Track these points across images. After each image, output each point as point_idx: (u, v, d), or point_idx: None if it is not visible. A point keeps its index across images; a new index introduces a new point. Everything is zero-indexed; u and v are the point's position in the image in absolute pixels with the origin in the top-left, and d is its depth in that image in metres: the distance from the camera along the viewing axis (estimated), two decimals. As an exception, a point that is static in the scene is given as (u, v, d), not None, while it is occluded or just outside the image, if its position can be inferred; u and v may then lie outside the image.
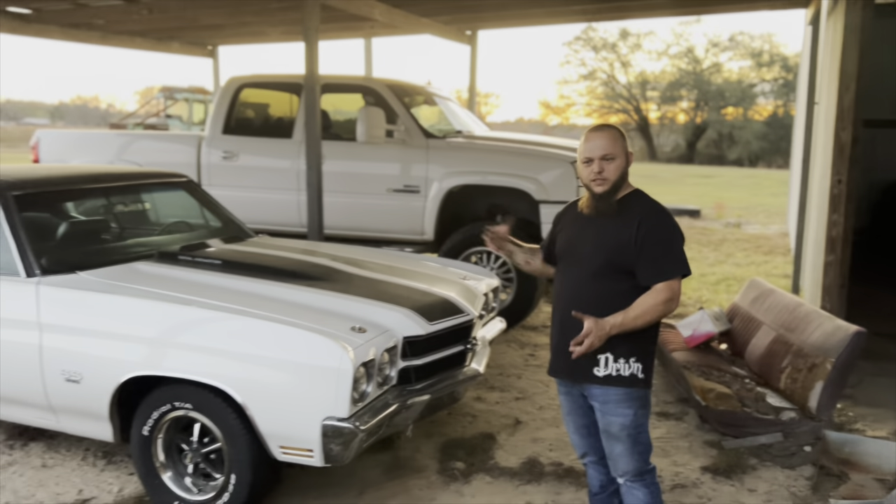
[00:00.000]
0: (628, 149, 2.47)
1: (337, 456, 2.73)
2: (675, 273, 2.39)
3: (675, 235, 2.44)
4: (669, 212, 2.49)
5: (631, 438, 2.48)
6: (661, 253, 2.40)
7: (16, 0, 7.15)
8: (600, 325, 2.36)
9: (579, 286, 2.51)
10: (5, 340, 3.15)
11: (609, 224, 2.46)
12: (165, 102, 21.00)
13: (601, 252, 2.45)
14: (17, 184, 3.53)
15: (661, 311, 2.40)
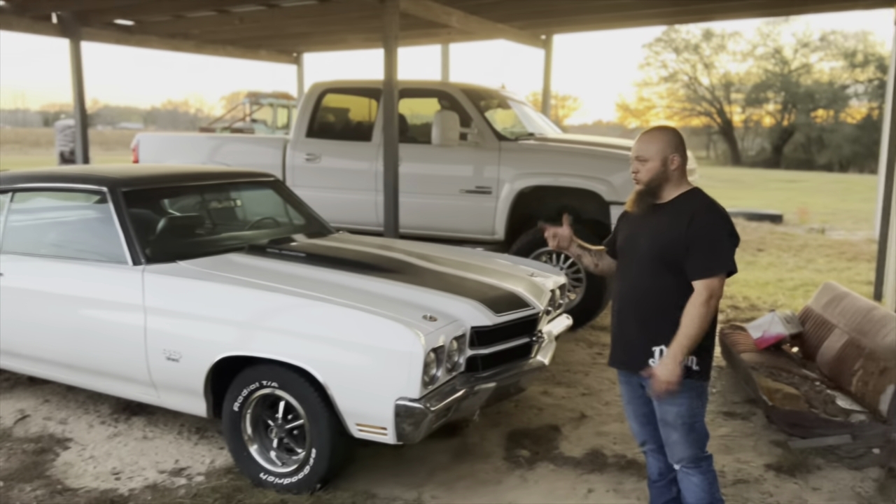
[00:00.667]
0: (671, 152, 2.56)
1: (408, 435, 2.94)
2: (718, 270, 2.47)
3: (725, 234, 2.51)
4: (724, 211, 2.57)
5: (686, 427, 2.58)
6: (709, 250, 2.48)
7: (121, 13, 7.73)
8: (666, 368, 2.47)
9: (634, 281, 2.64)
10: (114, 322, 3.51)
11: (664, 221, 2.58)
12: (251, 107, 21.89)
13: (655, 247, 2.57)
14: (125, 181, 3.91)
15: (704, 312, 2.47)
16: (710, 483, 2.65)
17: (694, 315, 2.46)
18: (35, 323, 3.80)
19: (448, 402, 3.01)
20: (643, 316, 2.61)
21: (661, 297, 2.55)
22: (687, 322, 2.47)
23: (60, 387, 4.43)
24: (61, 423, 4.00)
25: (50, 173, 4.33)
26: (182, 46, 9.19)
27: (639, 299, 2.61)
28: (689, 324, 2.46)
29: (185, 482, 3.35)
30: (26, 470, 3.42)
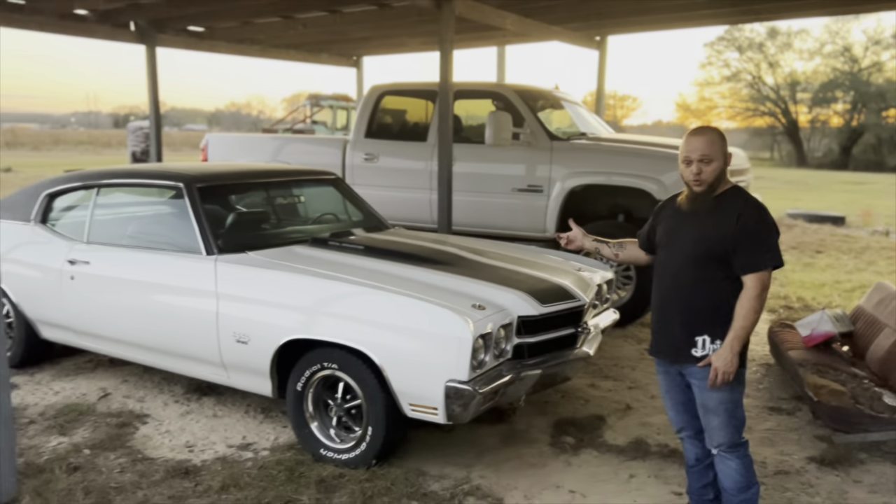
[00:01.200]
0: (727, 151, 2.68)
1: (457, 415, 3.14)
2: (767, 264, 2.59)
3: (771, 229, 2.62)
4: (766, 207, 2.69)
5: (728, 413, 2.70)
6: (757, 245, 2.59)
7: (194, 20, 8.16)
8: (724, 358, 2.61)
9: (679, 273, 2.74)
10: (189, 307, 3.82)
11: (710, 217, 2.67)
12: (312, 109, 22.46)
13: (702, 242, 2.67)
14: (200, 178, 4.22)
15: (758, 305, 2.60)
16: (746, 468, 2.77)
17: (748, 308, 2.58)
18: (117, 307, 4.14)
19: (495, 385, 3.19)
20: (687, 308, 2.72)
21: (706, 290, 2.67)
22: (742, 314, 2.59)
23: (138, 368, 4.80)
24: (139, 400, 4.34)
25: (131, 170, 4.69)
26: (248, 51, 9.61)
27: (683, 292, 2.72)
28: (745, 316, 2.59)
29: (252, 455, 3.62)
30: (110, 441, 3.76)
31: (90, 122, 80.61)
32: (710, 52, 51.04)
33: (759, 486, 2.80)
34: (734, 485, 2.76)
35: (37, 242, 4.56)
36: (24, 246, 4.58)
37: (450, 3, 5.73)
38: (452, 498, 3.20)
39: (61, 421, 4.00)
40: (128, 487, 3.25)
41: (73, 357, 5.04)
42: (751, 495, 2.77)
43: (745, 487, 2.76)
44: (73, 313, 4.35)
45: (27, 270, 4.51)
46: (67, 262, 4.32)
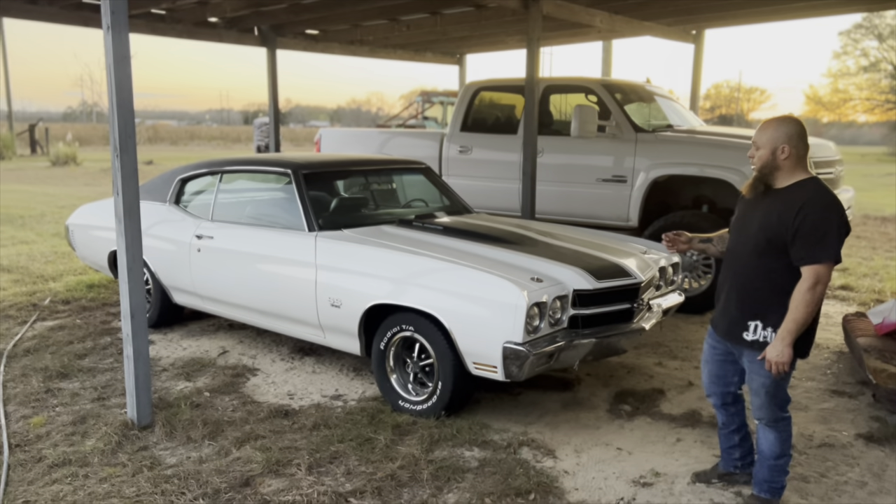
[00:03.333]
0: (782, 143, 2.73)
1: (514, 373, 3.56)
2: (824, 258, 2.63)
3: (832, 225, 2.64)
4: (836, 201, 2.70)
5: (769, 395, 2.87)
6: (815, 238, 2.63)
7: (310, 24, 8.94)
8: (776, 349, 2.71)
9: (743, 259, 2.88)
10: (293, 276, 4.44)
11: (776, 206, 2.76)
12: (423, 105, 23.27)
13: (764, 231, 2.77)
14: (305, 165, 4.84)
15: (810, 298, 2.65)
16: (784, 440, 2.97)
17: (800, 301, 2.66)
18: (235, 276, 4.83)
19: (548, 349, 3.59)
20: (746, 292, 2.86)
21: (765, 277, 2.79)
22: (793, 307, 2.67)
23: (252, 330, 5.52)
24: (252, 357, 5.03)
25: (249, 159, 5.39)
26: (359, 52, 10.33)
27: (744, 276, 2.85)
28: (795, 308, 2.66)
29: (342, 404, 4.19)
30: (225, 387, 4.44)
31: (222, 118, 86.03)
32: (845, 41, 47.94)
33: (790, 458, 3.03)
34: (770, 451, 3.00)
35: (171, 220, 5.35)
36: (160, 223, 5.38)
37: (537, 3, 6.10)
38: (508, 446, 3.63)
39: (187, 370, 4.74)
40: (237, 422, 3.89)
41: (198, 320, 5.84)
42: (783, 462, 3.02)
43: (779, 455, 2.99)
44: (199, 281, 5.09)
45: (163, 244, 5.30)
46: (195, 237, 5.06)
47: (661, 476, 3.37)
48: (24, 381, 4.45)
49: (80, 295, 6.60)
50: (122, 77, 3.48)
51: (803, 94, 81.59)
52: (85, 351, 5.04)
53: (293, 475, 3.30)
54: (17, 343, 5.20)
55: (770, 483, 3.03)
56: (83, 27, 7.61)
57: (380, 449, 3.55)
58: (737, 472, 3.27)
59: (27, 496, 3.10)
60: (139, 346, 3.75)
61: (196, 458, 3.48)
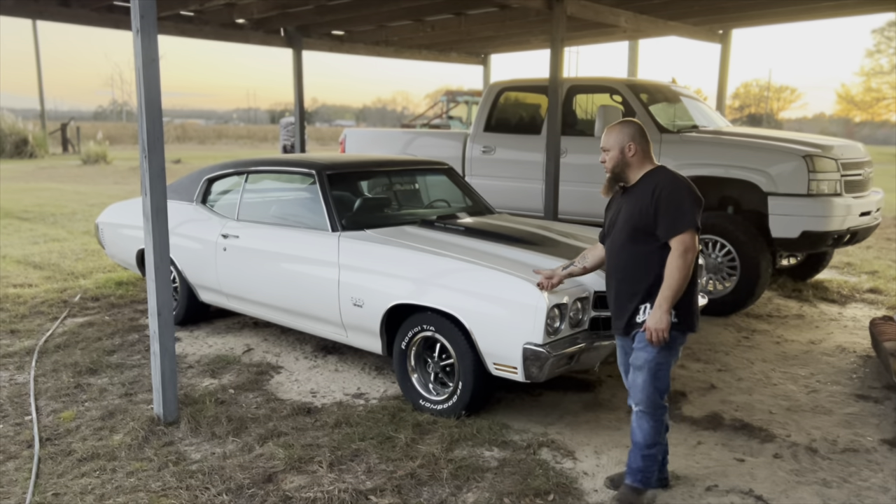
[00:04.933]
0: (627, 142, 3.00)
1: (534, 374, 3.57)
2: (684, 227, 2.83)
3: (686, 197, 2.86)
4: (685, 180, 2.95)
5: (651, 373, 2.94)
6: (672, 212, 2.84)
7: (335, 25, 9.01)
8: (654, 317, 2.85)
9: (616, 253, 3.05)
10: (317, 275, 4.49)
11: (634, 197, 2.97)
12: (448, 105, 23.30)
13: (631, 220, 2.96)
14: (329, 166, 4.90)
15: (682, 264, 2.82)
16: (657, 430, 3.04)
17: (673, 268, 2.82)
18: (259, 275, 4.90)
19: (569, 350, 3.59)
20: (629, 282, 3.00)
21: (642, 263, 2.94)
22: (667, 275, 2.84)
23: (276, 329, 5.59)
24: (275, 355, 5.09)
25: (274, 159, 5.46)
26: (384, 52, 10.39)
27: (622, 268, 3.01)
28: (670, 276, 2.83)
29: (363, 403, 4.23)
30: (250, 384, 4.51)
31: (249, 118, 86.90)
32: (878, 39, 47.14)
33: (663, 447, 3.14)
34: (643, 440, 3.04)
35: (197, 219, 5.44)
36: (187, 222, 5.47)
37: (561, 4, 6.09)
38: (528, 447, 3.64)
39: (212, 367, 4.81)
40: (261, 419, 3.95)
41: (224, 318, 5.92)
42: (655, 451, 3.06)
43: (652, 444, 3.04)
44: (224, 279, 5.17)
45: (189, 242, 5.38)
46: (221, 236, 5.14)
47: (682, 478, 3.36)
48: (54, 376, 4.56)
49: (109, 292, 6.74)
50: (151, 79, 3.55)
51: (835, 93, 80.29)
52: (113, 347, 5.15)
53: (315, 472, 3.34)
54: (48, 339, 5.32)
55: (643, 473, 3.07)
56: (114, 29, 7.76)
57: (400, 447, 3.58)
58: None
59: (56, 489, 3.18)
60: (166, 344, 3.83)
61: (220, 453, 3.54)
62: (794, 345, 5.45)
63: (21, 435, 3.72)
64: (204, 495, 3.13)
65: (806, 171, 5.81)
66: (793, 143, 6.11)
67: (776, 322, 6.07)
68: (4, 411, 4.02)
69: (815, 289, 7.13)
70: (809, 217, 5.81)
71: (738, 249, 6.09)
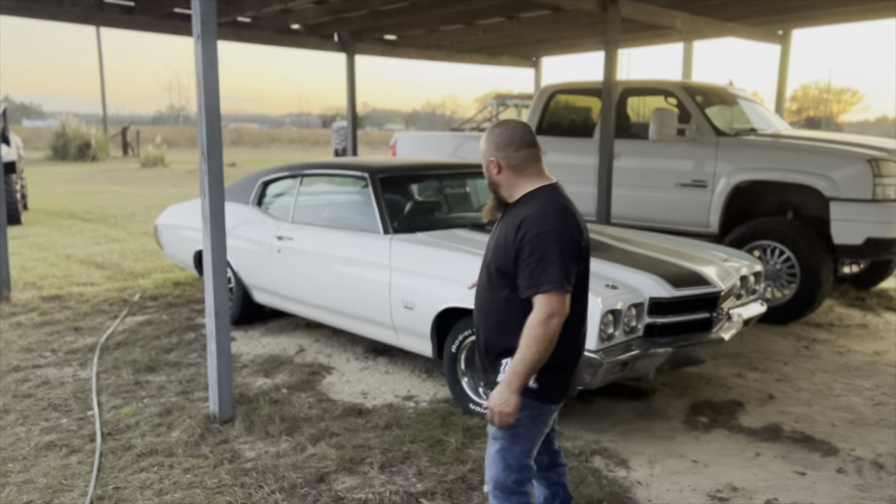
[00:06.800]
0: (490, 155, 2.30)
1: (586, 381, 3.52)
2: (545, 287, 2.10)
3: (553, 245, 2.11)
4: (559, 218, 2.16)
5: (501, 444, 2.30)
6: (534, 262, 2.12)
7: (388, 30, 9.09)
8: (497, 395, 2.17)
9: (481, 293, 2.38)
10: (369, 277, 4.52)
11: (503, 227, 2.29)
12: (498, 108, 23.26)
13: (493, 257, 2.30)
14: (382, 170, 4.93)
15: (540, 333, 2.09)
16: None
17: (528, 337, 2.11)
18: (313, 276, 4.96)
19: (623, 357, 3.53)
20: (489, 329, 2.33)
21: (502, 309, 2.26)
22: (523, 345, 2.12)
23: (328, 330, 5.65)
24: (327, 356, 5.14)
25: (328, 162, 5.52)
26: (435, 56, 10.43)
27: (484, 310, 2.35)
28: (525, 347, 2.11)
29: (413, 405, 4.24)
30: (302, 384, 4.56)
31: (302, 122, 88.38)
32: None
33: None
34: None
35: (253, 221, 5.53)
36: (243, 224, 5.57)
37: (615, 6, 6.02)
38: (581, 454, 3.59)
39: (266, 367, 4.89)
40: (313, 419, 3.99)
41: (277, 319, 6.02)
42: None
43: None
44: (278, 281, 5.25)
45: (245, 244, 5.48)
46: (276, 238, 5.22)
47: (739, 491, 3.27)
48: (115, 372, 4.70)
49: (167, 292, 6.91)
50: (210, 83, 3.63)
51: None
52: (171, 346, 5.28)
53: (366, 473, 3.36)
54: (109, 337, 5.49)
55: None
56: (173, 35, 7.97)
57: (451, 451, 3.58)
58: None
59: (117, 483, 3.27)
60: (222, 343, 3.90)
61: (273, 452, 3.59)
62: (858, 355, 5.26)
63: (83, 429, 3.84)
64: (258, 493, 3.18)
65: (871, 175, 5.61)
66: (856, 147, 5.91)
67: (838, 331, 5.87)
68: (68, 406, 4.16)
69: (880, 297, 6.88)
70: (874, 223, 5.61)
71: (798, 256, 5.92)
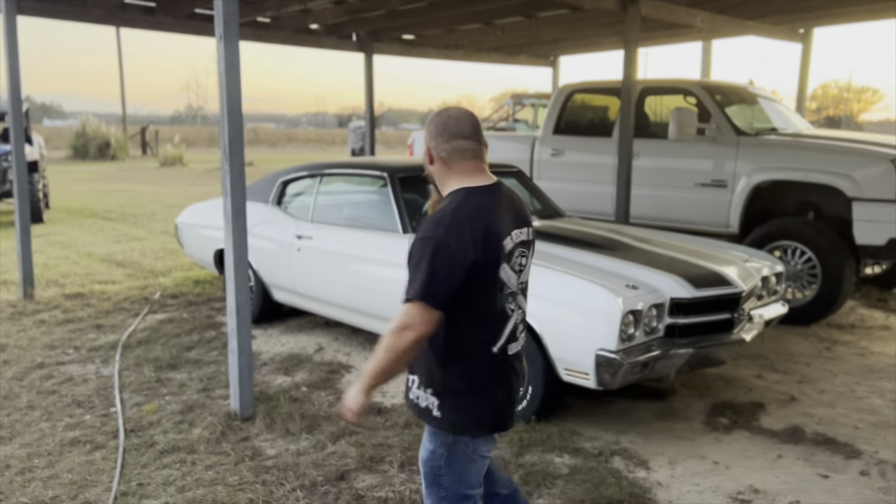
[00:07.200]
0: (427, 143, 2.12)
1: (607, 381, 3.51)
2: (412, 295, 1.90)
3: (428, 255, 1.90)
4: (447, 226, 1.93)
5: (428, 479, 2.14)
6: (412, 269, 1.95)
7: (406, 30, 9.10)
8: (349, 391, 2.03)
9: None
10: (387, 277, 4.53)
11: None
12: (514, 108, 23.21)
13: (407, 261, 2.04)
14: (400, 169, 4.94)
15: (391, 343, 1.90)
16: None
17: (380, 342, 1.94)
18: (332, 275, 4.98)
19: (643, 358, 3.52)
20: None
21: None
22: (376, 349, 1.96)
23: (347, 328, 5.67)
24: (346, 354, 5.17)
25: (347, 162, 5.54)
26: (453, 55, 10.42)
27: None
28: (376, 350, 1.96)
29: (432, 404, 4.25)
30: (322, 382, 4.59)
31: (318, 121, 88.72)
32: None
33: None
34: None
35: (272, 220, 5.57)
36: (263, 223, 5.60)
37: (635, 5, 5.99)
38: (600, 454, 3.58)
39: (286, 365, 4.92)
40: (333, 416, 4.01)
41: (296, 317, 6.05)
42: None
43: None
44: (298, 279, 5.28)
45: (264, 243, 5.52)
46: (295, 237, 5.25)
47: (761, 493, 3.25)
48: (137, 370, 4.74)
49: (187, 290, 6.97)
50: (233, 83, 3.66)
51: (922, 94, 76.42)
52: (192, 343, 5.32)
53: (386, 472, 3.37)
54: (131, 334, 5.54)
55: None
56: (195, 35, 8.03)
57: (470, 450, 3.58)
58: None
59: (140, 479, 3.30)
60: (243, 341, 3.93)
61: (294, 450, 3.61)
62: (881, 357, 5.21)
63: (107, 426, 3.88)
64: (279, 490, 3.20)
65: (894, 175, 5.54)
66: (880, 146, 5.85)
67: (860, 333, 5.81)
68: (92, 403, 4.21)
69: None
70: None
71: (820, 256, 5.86)
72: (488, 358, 2.03)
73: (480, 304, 2.00)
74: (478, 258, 1.93)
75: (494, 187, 2.10)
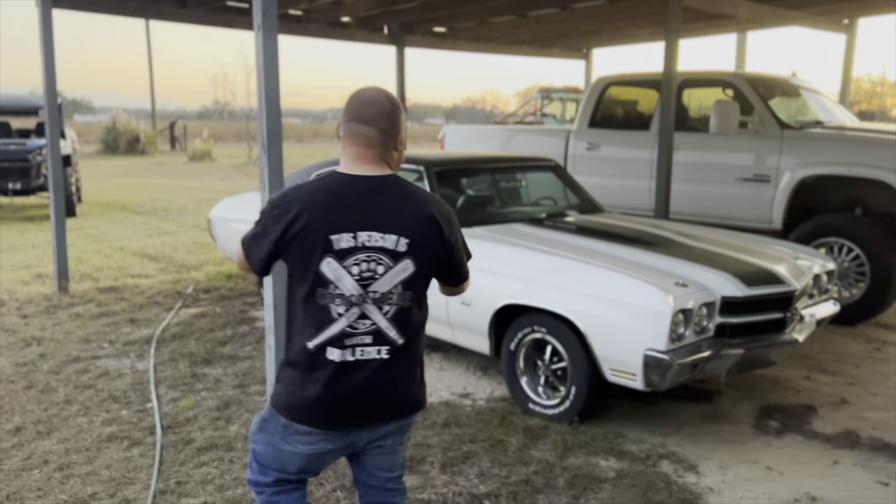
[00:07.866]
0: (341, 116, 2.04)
1: (655, 383, 3.39)
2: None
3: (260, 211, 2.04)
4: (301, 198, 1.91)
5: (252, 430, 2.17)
6: None
7: (438, 22, 9.00)
8: None
9: None
10: (424, 273, 4.44)
11: None
12: (542, 102, 23.02)
13: None
14: (437, 163, 4.85)
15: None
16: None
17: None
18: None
19: (693, 359, 3.39)
20: None
21: None
22: None
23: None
24: (380, 351, 5.09)
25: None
26: (485, 48, 10.29)
27: None
28: None
29: (471, 403, 4.16)
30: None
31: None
32: None
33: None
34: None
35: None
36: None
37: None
38: (647, 458, 3.47)
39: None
40: (371, 415, 3.94)
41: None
42: None
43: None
44: (332, 274, 5.20)
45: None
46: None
47: (818, 501, 3.12)
48: (172, 365, 4.71)
49: (220, 284, 6.95)
50: (271, 75, 3.59)
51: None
52: (226, 338, 5.28)
53: (427, 473, 3.29)
54: (164, 328, 5.52)
55: None
56: (227, 28, 8.00)
57: (512, 452, 3.48)
58: None
59: (179, 477, 3.25)
60: (280, 337, 3.87)
61: (332, 449, 3.54)
62: (934, 359, 5.02)
63: (143, 422, 3.84)
64: (319, 491, 3.13)
65: (948, 169, 5.33)
66: (931, 140, 5.63)
67: (910, 333, 5.61)
68: (128, 398, 4.18)
69: (953, 298, 6.56)
70: (951, 220, 5.34)
71: (868, 253, 5.67)
72: (301, 349, 1.95)
73: (294, 290, 1.97)
74: (280, 239, 1.91)
75: (366, 180, 1.95)
